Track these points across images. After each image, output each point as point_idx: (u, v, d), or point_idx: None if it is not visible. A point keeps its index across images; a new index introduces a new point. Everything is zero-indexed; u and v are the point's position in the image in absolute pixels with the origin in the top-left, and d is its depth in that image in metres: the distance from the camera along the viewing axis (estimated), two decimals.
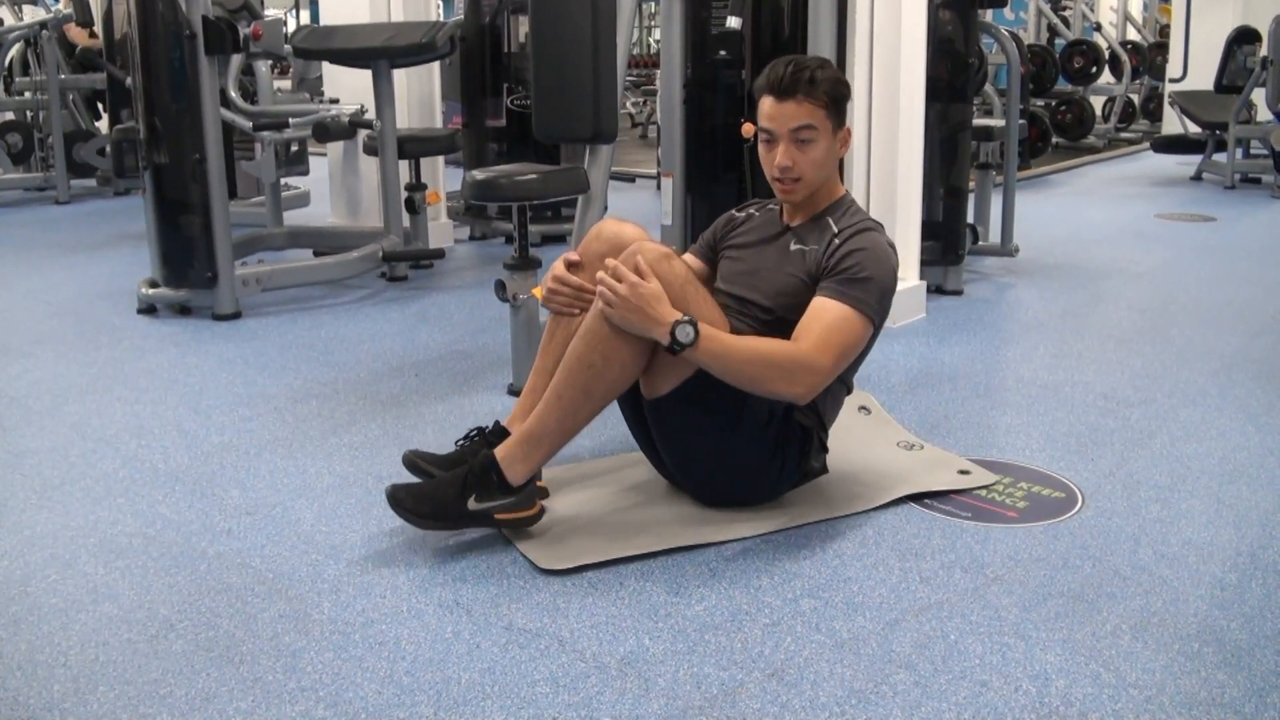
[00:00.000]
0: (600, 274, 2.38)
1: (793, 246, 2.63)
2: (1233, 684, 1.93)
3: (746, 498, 2.61)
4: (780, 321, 2.56)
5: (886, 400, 3.42)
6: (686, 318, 2.31)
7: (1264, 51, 8.15)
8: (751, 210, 2.86)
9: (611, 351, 2.37)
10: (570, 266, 2.62)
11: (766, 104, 2.57)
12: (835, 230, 2.58)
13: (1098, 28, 11.73)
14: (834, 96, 2.55)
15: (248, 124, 5.31)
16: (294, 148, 6.15)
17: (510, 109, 6.36)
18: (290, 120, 5.25)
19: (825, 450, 2.68)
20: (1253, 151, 9.10)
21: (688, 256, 2.87)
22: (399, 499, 2.39)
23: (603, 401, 2.45)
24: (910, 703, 1.88)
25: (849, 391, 2.73)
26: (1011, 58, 5.49)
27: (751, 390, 2.40)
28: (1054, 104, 11.14)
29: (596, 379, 2.38)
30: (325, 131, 5.30)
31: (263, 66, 6.18)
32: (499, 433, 2.64)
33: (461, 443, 2.69)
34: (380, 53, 5.08)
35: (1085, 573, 2.33)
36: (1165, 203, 7.73)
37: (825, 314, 2.44)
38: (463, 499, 2.39)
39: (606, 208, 4.22)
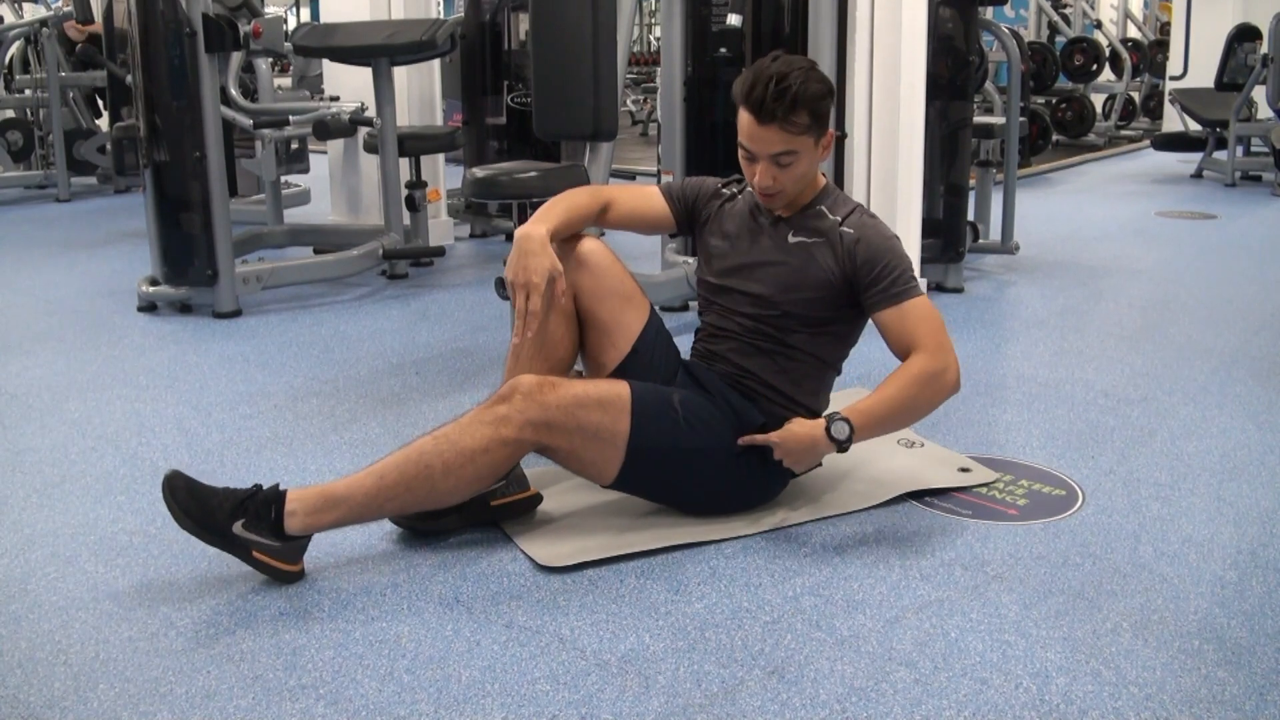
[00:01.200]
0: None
1: (792, 239, 2.61)
2: (1233, 682, 1.93)
3: (742, 506, 2.60)
4: (785, 316, 2.57)
5: None
6: (837, 415, 2.41)
7: (1264, 49, 8.14)
8: (735, 190, 2.78)
9: (455, 467, 2.28)
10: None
11: (745, 120, 2.48)
12: (835, 219, 2.59)
13: (1098, 25, 11.71)
14: (814, 110, 2.47)
15: (248, 122, 5.31)
16: (294, 145, 6.14)
17: (510, 106, 6.36)
18: (290, 118, 5.25)
19: None
20: (1253, 149, 9.09)
21: (650, 190, 2.81)
22: (174, 487, 2.24)
23: (416, 506, 2.36)
24: (911, 700, 1.88)
25: (838, 373, 2.74)
26: (1012, 55, 5.48)
27: (917, 420, 2.55)
28: (1054, 101, 11.13)
29: (426, 481, 2.28)
30: (325, 129, 5.29)
31: (263, 64, 6.19)
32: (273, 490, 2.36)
33: (256, 487, 2.35)
34: (380, 50, 5.07)
35: (1085, 570, 2.33)
36: (1166, 200, 7.73)
37: (906, 319, 2.50)
38: (231, 518, 2.23)
39: None
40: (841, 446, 2.42)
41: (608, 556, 2.38)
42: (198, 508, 2.24)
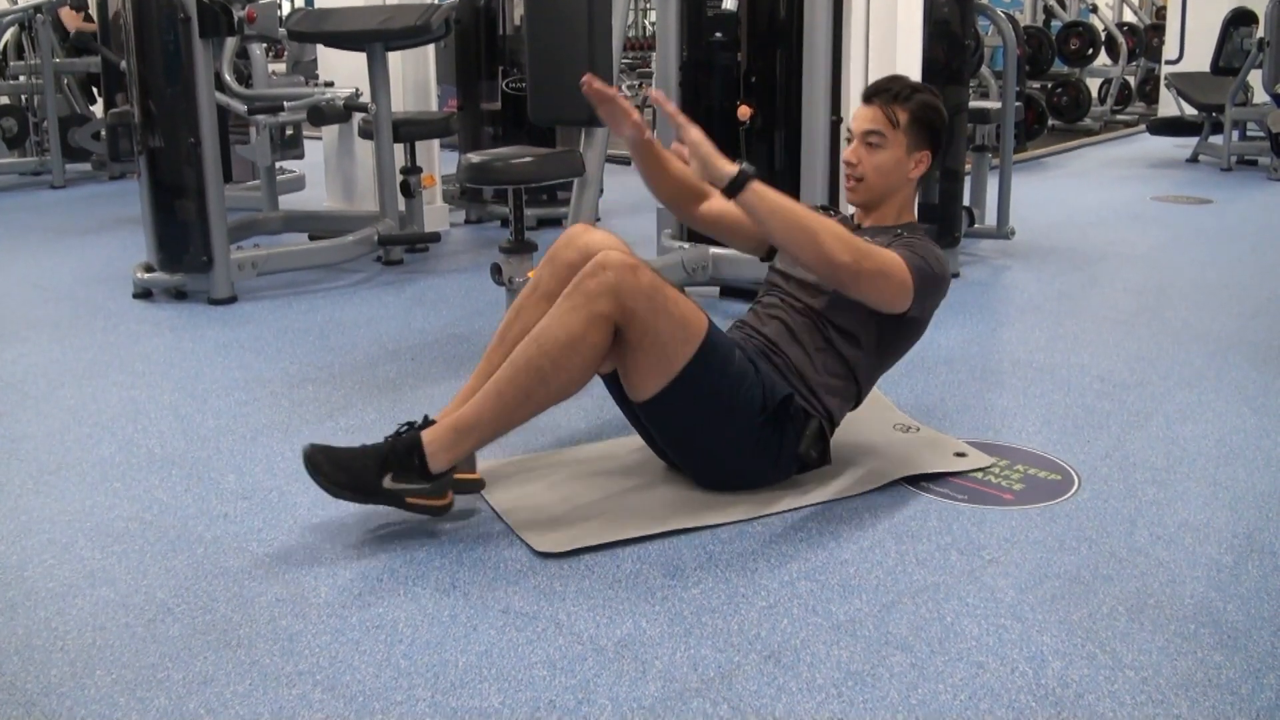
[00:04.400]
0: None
1: (863, 237, 2.68)
2: (1229, 665, 1.93)
3: (746, 481, 2.61)
4: (831, 307, 2.64)
5: (882, 383, 3.40)
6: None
7: (1260, 33, 8.13)
8: (837, 211, 2.95)
9: (562, 359, 2.34)
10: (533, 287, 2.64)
11: (856, 106, 2.71)
12: (901, 234, 2.68)
13: (1094, 9, 11.69)
14: (918, 117, 2.67)
15: (243, 107, 5.30)
16: (289, 131, 6.13)
17: (505, 92, 6.35)
18: (285, 103, 5.24)
19: (826, 441, 2.67)
20: (1249, 133, 9.09)
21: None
22: (316, 462, 2.35)
23: (541, 408, 2.42)
24: (907, 684, 1.89)
25: (858, 401, 2.77)
26: (1007, 40, 5.47)
27: (797, 246, 2.43)
28: (1050, 86, 11.11)
29: (541, 384, 2.36)
30: (320, 115, 5.28)
31: (257, 50, 6.17)
32: (422, 426, 2.48)
33: (391, 439, 2.46)
34: (375, 35, 5.06)
35: (1081, 554, 2.34)
36: (1161, 185, 7.72)
37: (883, 249, 2.55)
38: (380, 475, 2.35)
39: (602, 191, 4.21)
40: (736, 178, 2.39)
41: (604, 542, 2.38)
42: (344, 475, 2.35)
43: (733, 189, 2.40)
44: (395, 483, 2.36)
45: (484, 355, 2.63)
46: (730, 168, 2.42)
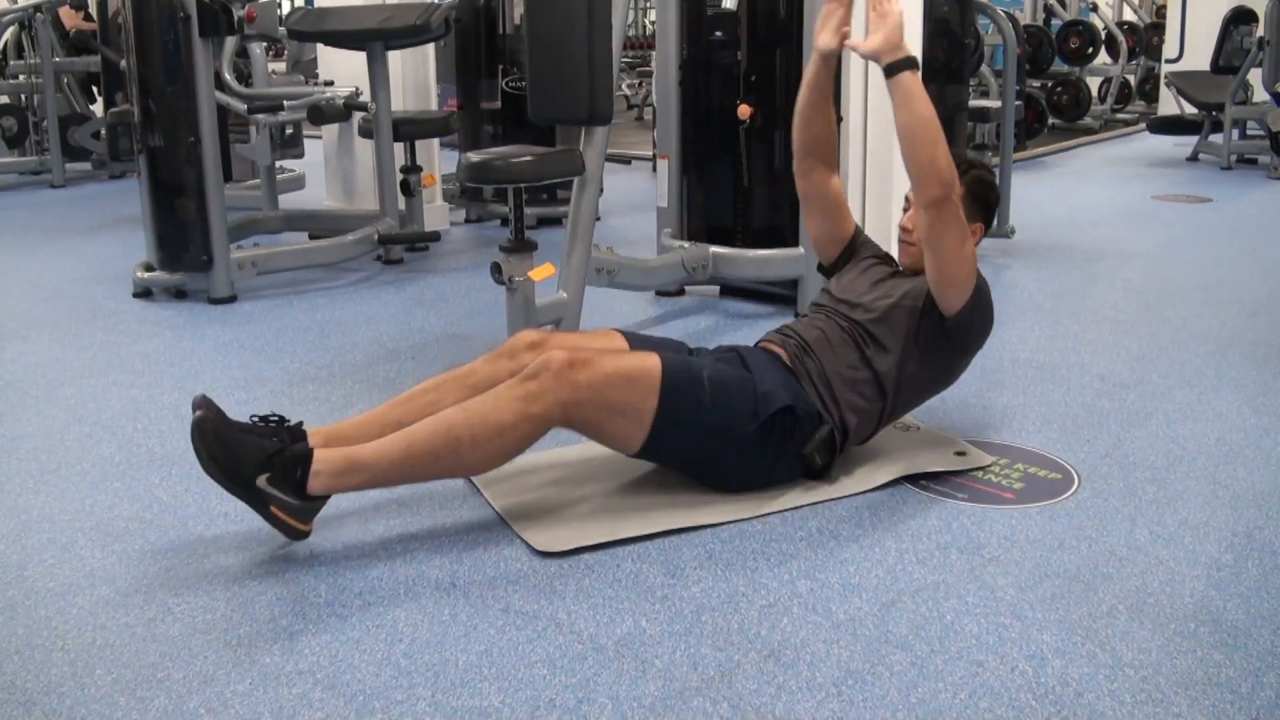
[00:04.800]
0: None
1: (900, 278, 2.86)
2: (1229, 664, 1.94)
3: (749, 483, 2.61)
4: (878, 322, 2.72)
5: None
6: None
7: (1260, 32, 8.13)
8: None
9: (483, 440, 2.32)
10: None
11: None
12: None
13: (1094, 8, 11.69)
14: (973, 192, 2.80)
15: (242, 107, 5.30)
16: (289, 130, 6.14)
17: (505, 91, 6.35)
18: (285, 103, 5.24)
19: (833, 450, 2.66)
20: (1249, 132, 9.08)
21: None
22: (204, 432, 2.24)
23: (442, 475, 2.41)
24: (907, 683, 1.89)
25: (874, 430, 2.77)
26: (1008, 38, 5.47)
27: (916, 140, 2.60)
28: (1050, 85, 11.12)
29: (453, 454, 2.33)
30: (320, 114, 5.28)
31: (257, 49, 6.17)
32: (296, 433, 2.38)
33: (256, 419, 2.38)
34: (375, 35, 5.06)
35: (1081, 553, 2.34)
36: (1161, 184, 7.72)
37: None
38: (257, 471, 2.24)
39: (602, 190, 4.21)
40: (907, 58, 2.64)
41: (604, 541, 2.38)
42: (226, 455, 2.24)
43: (896, 66, 2.62)
44: (269, 485, 2.25)
45: (382, 405, 2.59)
46: (906, 48, 2.63)
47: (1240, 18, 8.83)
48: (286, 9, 8.94)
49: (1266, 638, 2.01)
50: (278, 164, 6.11)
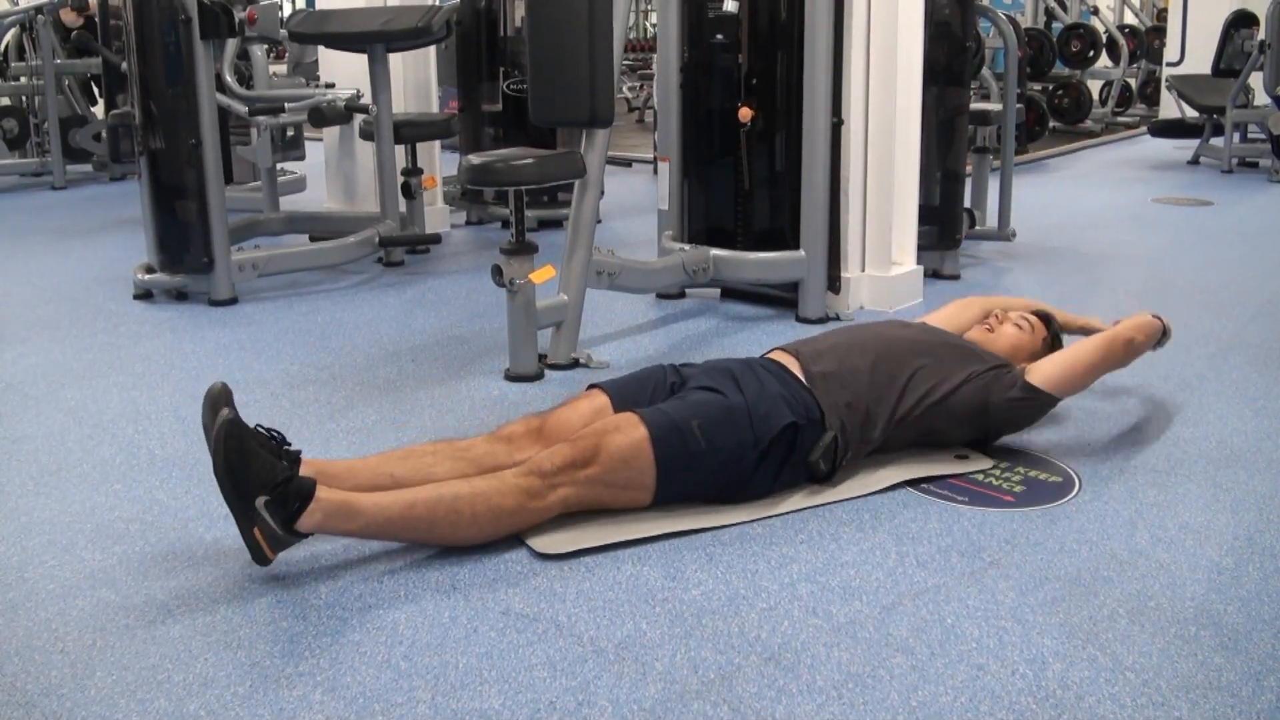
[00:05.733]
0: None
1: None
2: (1229, 667, 1.93)
3: (753, 494, 2.60)
4: (918, 373, 2.79)
5: None
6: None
7: (1261, 35, 8.12)
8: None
9: (481, 518, 2.34)
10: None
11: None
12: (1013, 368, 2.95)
13: (1095, 11, 11.69)
14: (1053, 344, 3.20)
15: (243, 108, 5.29)
16: (290, 132, 6.13)
17: (506, 93, 6.34)
18: (286, 105, 5.23)
19: (836, 455, 2.66)
20: (1250, 135, 9.08)
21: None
22: (231, 435, 2.20)
23: (432, 541, 2.39)
24: (907, 686, 1.89)
25: (877, 443, 2.77)
26: (1009, 41, 5.47)
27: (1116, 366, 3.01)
28: (1051, 88, 11.11)
29: (451, 525, 2.34)
30: (321, 116, 5.27)
31: (258, 51, 6.15)
32: (294, 458, 2.34)
33: (260, 428, 2.34)
34: (376, 37, 5.06)
35: (1082, 557, 2.34)
36: (1162, 187, 7.72)
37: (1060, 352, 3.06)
38: (261, 492, 2.21)
39: (603, 193, 4.21)
40: (1164, 337, 3.10)
41: (604, 544, 2.38)
42: (241, 466, 2.20)
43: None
44: (264, 509, 2.20)
45: (380, 455, 2.58)
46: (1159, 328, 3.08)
47: (1241, 21, 8.83)
48: (288, 11, 8.94)
49: (1267, 641, 2.01)
50: (279, 166, 6.10)
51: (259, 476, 2.22)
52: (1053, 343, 3.20)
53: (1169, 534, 2.44)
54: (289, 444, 2.36)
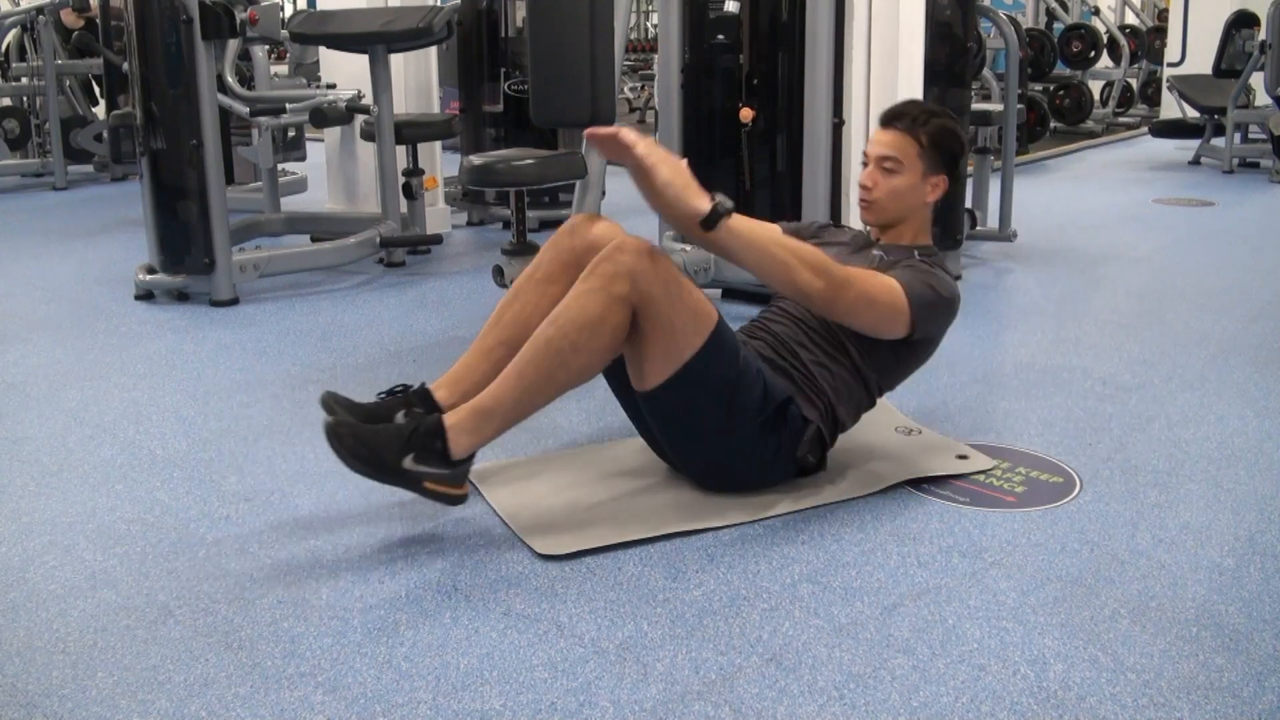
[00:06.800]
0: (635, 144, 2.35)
1: (874, 251, 2.77)
2: (1231, 668, 1.93)
3: (744, 482, 2.61)
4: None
5: None
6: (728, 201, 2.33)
7: (1262, 35, 8.13)
8: (846, 226, 3.01)
9: (581, 342, 2.33)
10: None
11: (874, 131, 2.78)
12: (917, 257, 2.70)
13: (1096, 11, 11.70)
14: (936, 142, 2.70)
15: (245, 109, 5.30)
16: (291, 133, 6.13)
17: (507, 94, 6.35)
18: (287, 105, 5.24)
19: (824, 447, 2.68)
20: (1251, 136, 9.08)
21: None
22: (339, 434, 2.29)
23: (561, 390, 2.39)
24: (908, 687, 1.89)
25: (871, 405, 2.77)
26: (1009, 42, 5.47)
27: (772, 279, 2.44)
28: (1052, 88, 11.11)
29: (561, 366, 2.34)
30: (322, 117, 5.28)
31: (259, 51, 6.16)
32: (424, 395, 2.50)
33: (383, 395, 2.53)
34: (377, 37, 5.06)
35: (1083, 557, 2.34)
36: (1163, 187, 7.72)
37: (876, 274, 2.58)
38: (401, 454, 2.29)
39: (605, 193, 4.21)
40: (717, 208, 2.30)
41: (605, 544, 2.38)
42: (366, 451, 2.28)
43: (714, 218, 2.31)
44: (416, 464, 2.30)
45: (480, 334, 2.62)
46: (702, 204, 2.31)
47: (1242, 21, 8.83)
48: (289, 12, 8.94)
49: (1269, 642, 2.01)
50: (280, 167, 6.11)
51: (389, 446, 2.29)
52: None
53: (1170, 534, 2.44)
54: (411, 386, 2.48)
